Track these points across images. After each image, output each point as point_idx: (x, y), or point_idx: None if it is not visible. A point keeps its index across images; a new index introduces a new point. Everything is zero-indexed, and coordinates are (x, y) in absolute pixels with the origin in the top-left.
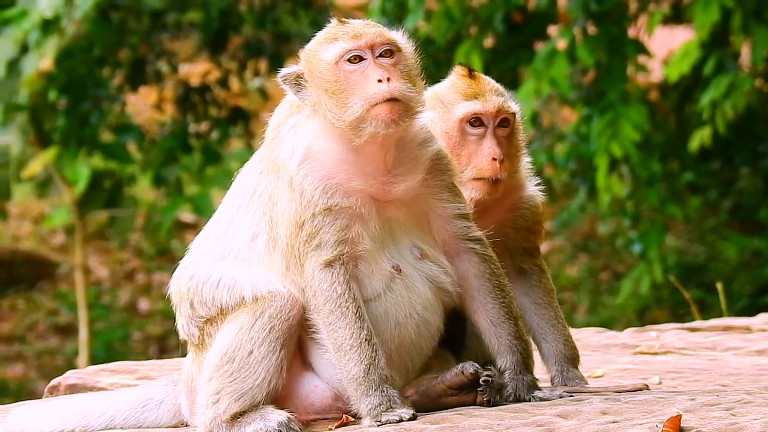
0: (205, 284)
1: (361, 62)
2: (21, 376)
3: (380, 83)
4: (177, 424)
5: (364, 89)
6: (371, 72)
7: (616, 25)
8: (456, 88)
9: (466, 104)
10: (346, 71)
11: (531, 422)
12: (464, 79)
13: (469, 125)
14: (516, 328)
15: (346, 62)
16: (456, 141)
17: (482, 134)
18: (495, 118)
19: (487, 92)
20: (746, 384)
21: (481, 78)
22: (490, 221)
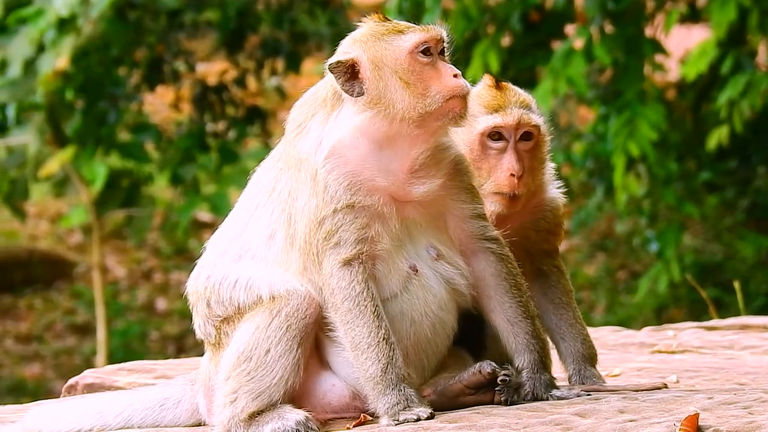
0: (222, 284)
1: (430, 56)
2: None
3: (457, 78)
4: (195, 424)
5: (444, 81)
6: (445, 66)
7: (633, 24)
8: (480, 100)
9: (487, 118)
10: (421, 62)
11: (548, 421)
12: (490, 90)
13: (489, 139)
14: (533, 327)
15: (419, 53)
16: (477, 154)
17: (503, 148)
18: (516, 131)
19: (510, 105)
20: (764, 383)
21: (508, 89)
22: (512, 223)
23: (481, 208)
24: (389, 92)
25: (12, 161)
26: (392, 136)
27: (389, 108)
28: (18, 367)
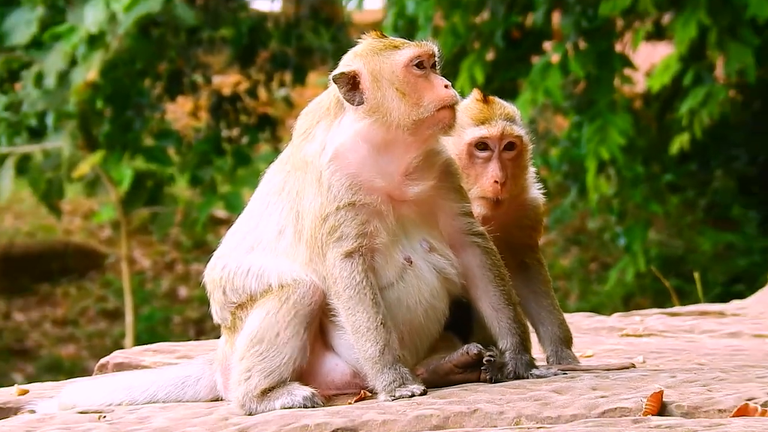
0: (236, 273)
1: (423, 69)
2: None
3: (448, 89)
4: (213, 399)
5: (436, 92)
6: (437, 78)
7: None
8: (468, 112)
9: (474, 129)
10: (415, 74)
11: (529, 397)
12: (478, 103)
13: (476, 149)
14: (515, 313)
15: (414, 66)
16: (465, 162)
17: (488, 157)
18: (500, 142)
19: (495, 117)
20: (721, 363)
21: (495, 102)
22: (497, 220)
23: (469, 207)
24: (386, 101)
25: (48, 164)
26: (389, 141)
27: (386, 116)
28: (55, 348)
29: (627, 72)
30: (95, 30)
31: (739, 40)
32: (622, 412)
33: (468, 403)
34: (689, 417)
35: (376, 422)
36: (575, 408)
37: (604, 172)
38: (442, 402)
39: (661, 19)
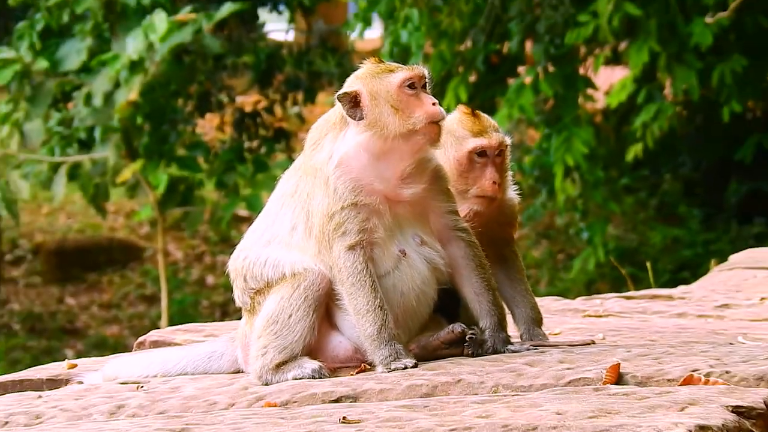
0: (255, 264)
1: (414, 89)
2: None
3: (435, 106)
4: (235, 371)
5: (425, 108)
6: (426, 97)
7: (570, 65)
8: (464, 125)
9: (475, 140)
10: (407, 94)
11: (505, 369)
12: (470, 117)
13: (476, 156)
14: (494, 297)
15: (406, 87)
16: (465, 167)
17: (485, 163)
18: (495, 150)
19: (490, 129)
20: (669, 339)
21: (482, 116)
22: (482, 218)
23: (454, 206)
24: (383, 117)
25: (95, 171)
26: (386, 150)
27: (383, 129)
28: (101, 328)
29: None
30: (136, 57)
31: (684, 64)
32: (585, 382)
33: (453, 374)
34: (643, 386)
35: (374, 391)
36: (545, 378)
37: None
38: (430, 373)
39: (618, 46)
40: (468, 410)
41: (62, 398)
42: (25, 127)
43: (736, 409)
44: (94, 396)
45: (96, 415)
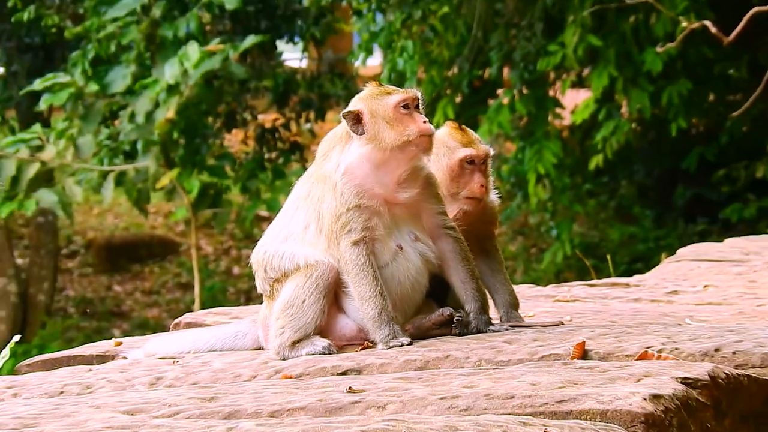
0: (274, 257)
1: (408, 109)
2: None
3: (426, 123)
4: (256, 348)
5: (417, 124)
6: (418, 115)
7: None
8: (455, 138)
9: (465, 150)
10: (401, 113)
11: (487, 346)
12: (458, 131)
13: (466, 163)
14: (477, 285)
15: (401, 107)
16: (456, 173)
17: (473, 169)
18: (482, 158)
19: (476, 141)
20: (627, 321)
21: (468, 130)
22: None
23: (443, 208)
24: (381, 132)
25: (138, 178)
26: (385, 160)
27: (381, 142)
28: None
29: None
30: (172, 82)
31: (638, 87)
32: (555, 357)
33: (443, 350)
34: (604, 360)
35: (376, 364)
36: (521, 354)
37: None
38: (423, 350)
39: (582, 72)
40: (455, 381)
41: (109, 371)
42: (78, 141)
43: (684, 380)
44: (136, 369)
45: (138, 386)
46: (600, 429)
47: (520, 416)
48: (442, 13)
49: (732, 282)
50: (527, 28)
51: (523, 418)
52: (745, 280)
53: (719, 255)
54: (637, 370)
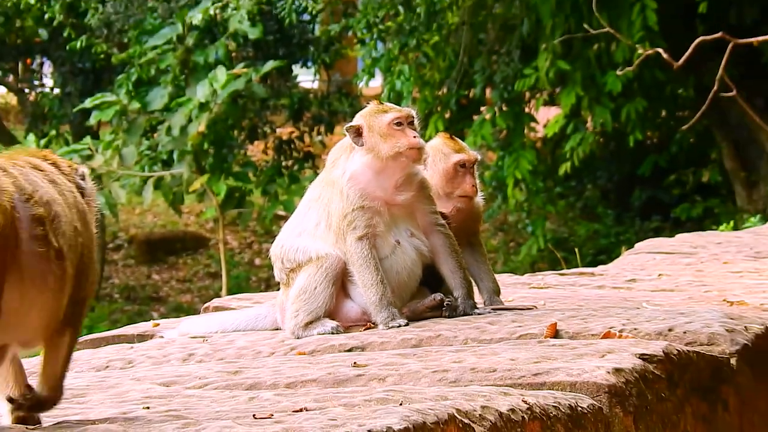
0: (290, 250)
1: (401, 126)
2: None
3: (416, 138)
4: (274, 329)
5: (408, 138)
6: (409, 131)
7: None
8: (448, 146)
9: (458, 155)
10: (394, 128)
11: (473, 326)
12: (449, 140)
13: (459, 166)
14: (464, 274)
15: (394, 124)
16: (451, 175)
17: (465, 172)
18: (472, 162)
19: (466, 148)
20: (592, 305)
21: (457, 139)
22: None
23: (435, 208)
24: (377, 144)
25: (174, 182)
26: (383, 168)
27: (378, 153)
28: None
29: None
30: (203, 100)
31: (601, 105)
32: (531, 336)
33: (434, 330)
34: (573, 339)
35: (377, 342)
36: (502, 333)
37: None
38: (418, 330)
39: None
40: (446, 357)
41: (148, 348)
42: (123, 151)
43: (642, 356)
44: (171, 347)
45: (173, 361)
46: (570, 398)
47: (501, 387)
48: (433, 42)
49: (682, 271)
50: (506, 54)
51: (503, 389)
52: (693, 270)
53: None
54: (602, 347)
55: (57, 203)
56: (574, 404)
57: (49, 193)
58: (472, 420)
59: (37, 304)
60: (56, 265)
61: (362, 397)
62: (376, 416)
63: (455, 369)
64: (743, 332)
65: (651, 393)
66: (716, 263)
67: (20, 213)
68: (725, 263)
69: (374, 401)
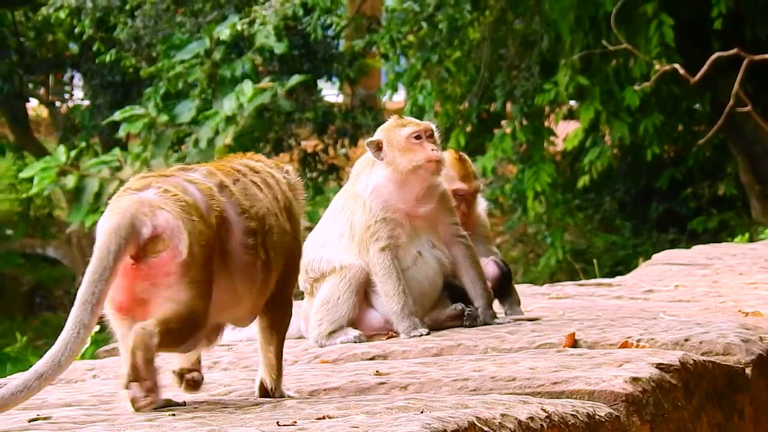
0: (314, 260)
1: (419, 139)
2: None
3: (434, 151)
4: (298, 337)
5: (426, 152)
6: (427, 144)
7: (538, 119)
8: (454, 168)
9: (459, 183)
10: (413, 142)
11: (493, 336)
12: (457, 162)
13: (457, 195)
14: (484, 285)
15: (413, 137)
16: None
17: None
18: (472, 192)
19: (471, 175)
20: (610, 315)
21: (466, 161)
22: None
23: (456, 219)
24: (396, 158)
25: None
26: (403, 181)
27: (397, 167)
28: None
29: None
30: (230, 113)
31: (619, 119)
32: (550, 345)
33: (455, 339)
34: (591, 348)
35: (399, 351)
36: (521, 343)
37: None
38: (439, 339)
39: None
40: (466, 366)
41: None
42: (151, 162)
43: (659, 365)
44: None
45: None
46: (588, 407)
47: (521, 395)
48: (455, 57)
49: (699, 282)
50: (526, 69)
51: (523, 397)
52: (709, 281)
53: (688, 260)
54: (619, 357)
55: (271, 215)
56: (592, 413)
57: (265, 206)
58: (492, 428)
59: (246, 298)
60: (262, 271)
61: (384, 405)
62: (397, 424)
63: (475, 377)
64: (758, 342)
65: (667, 402)
66: (732, 274)
67: (234, 226)
68: (740, 274)
69: (396, 409)
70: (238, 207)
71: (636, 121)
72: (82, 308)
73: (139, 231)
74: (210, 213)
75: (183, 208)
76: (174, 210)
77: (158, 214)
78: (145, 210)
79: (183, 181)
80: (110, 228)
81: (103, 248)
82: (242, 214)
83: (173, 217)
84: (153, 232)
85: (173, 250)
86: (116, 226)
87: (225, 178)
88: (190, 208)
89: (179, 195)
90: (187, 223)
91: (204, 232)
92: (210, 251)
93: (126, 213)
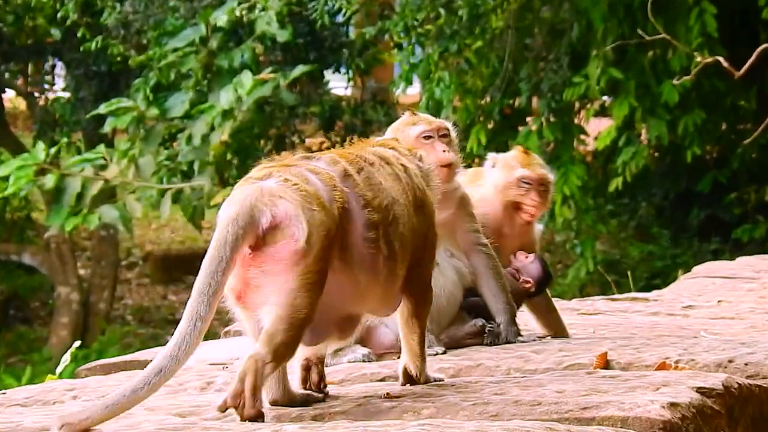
0: None
1: (430, 139)
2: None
3: (445, 153)
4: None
5: (436, 154)
6: (438, 145)
7: (566, 116)
8: (517, 159)
9: (522, 170)
10: (423, 142)
11: (516, 355)
12: (522, 154)
13: (522, 182)
14: (507, 298)
15: (423, 137)
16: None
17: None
18: (535, 180)
19: (534, 165)
20: (646, 333)
21: (532, 154)
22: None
23: (477, 226)
24: None
25: (194, 195)
26: None
27: None
28: None
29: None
30: (227, 107)
31: (656, 116)
32: (579, 366)
33: (474, 359)
34: (625, 370)
35: None
36: (547, 363)
37: (566, 203)
38: (456, 358)
39: (604, 102)
40: (486, 389)
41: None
42: (139, 160)
43: (700, 389)
44: (189, 374)
45: (190, 390)
46: None
47: (547, 422)
48: (476, 47)
49: (744, 298)
50: (554, 61)
51: (549, 423)
52: (756, 296)
53: (731, 272)
54: (656, 380)
55: (398, 205)
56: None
57: (390, 197)
58: None
59: (370, 291)
60: (385, 264)
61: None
62: None
63: (496, 401)
64: None
65: (709, 429)
66: None
67: (356, 217)
68: None
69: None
70: (361, 198)
71: (675, 119)
72: (199, 299)
73: (258, 220)
74: (332, 203)
75: (303, 198)
76: (294, 199)
77: (278, 203)
78: (265, 199)
79: (305, 170)
80: (229, 217)
81: (221, 238)
82: (365, 205)
83: (293, 206)
84: (272, 221)
85: (291, 240)
86: (235, 215)
87: (349, 167)
88: (310, 197)
89: (300, 184)
90: (306, 212)
91: (325, 223)
92: (329, 243)
93: (245, 202)
